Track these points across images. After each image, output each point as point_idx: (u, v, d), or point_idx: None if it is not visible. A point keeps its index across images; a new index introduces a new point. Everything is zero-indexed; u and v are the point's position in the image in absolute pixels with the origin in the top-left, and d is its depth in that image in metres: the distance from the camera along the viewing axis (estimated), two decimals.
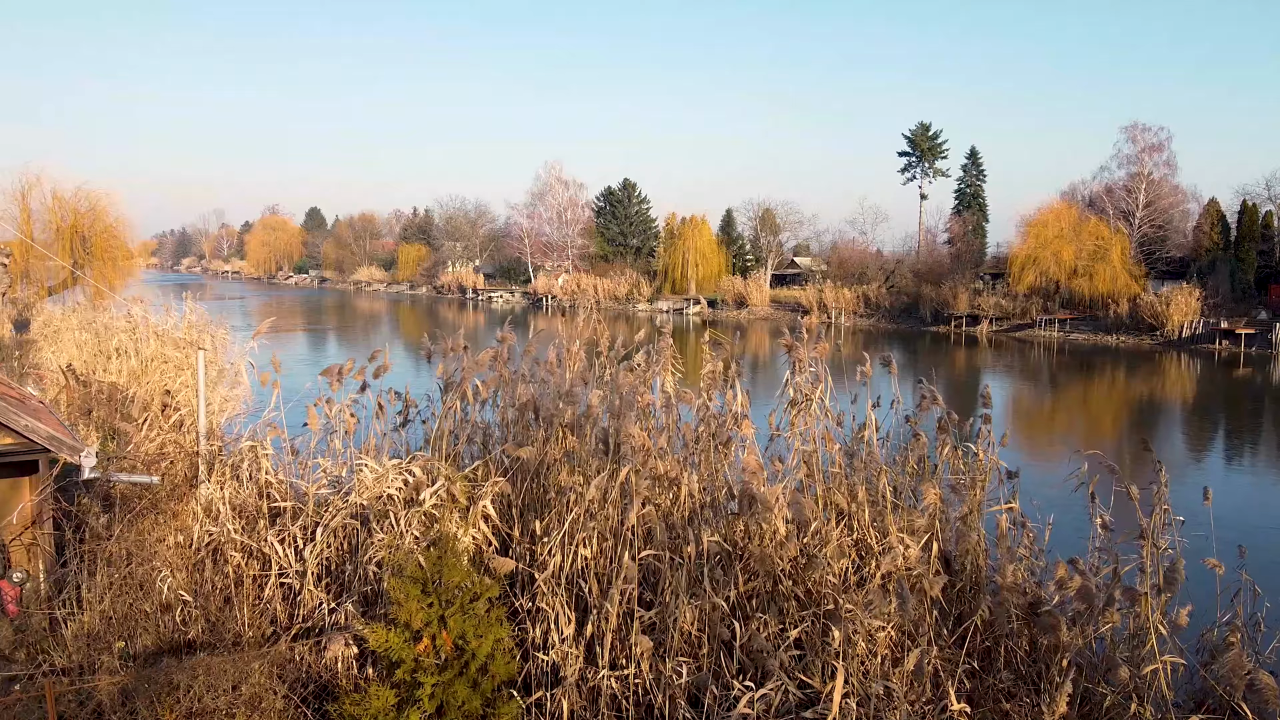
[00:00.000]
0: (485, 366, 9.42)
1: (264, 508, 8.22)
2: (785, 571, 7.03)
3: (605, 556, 7.13)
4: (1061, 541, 9.25)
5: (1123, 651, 7.08)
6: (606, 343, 10.48)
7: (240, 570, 7.77)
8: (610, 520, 7.12)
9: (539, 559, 7.30)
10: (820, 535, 7.48)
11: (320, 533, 7.67)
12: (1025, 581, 7.72)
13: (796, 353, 8.66)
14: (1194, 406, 43.42)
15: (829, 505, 8.01)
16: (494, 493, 7.71)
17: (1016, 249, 74.42)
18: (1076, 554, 9.34)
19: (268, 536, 7.69)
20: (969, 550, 7.67)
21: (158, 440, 11.28)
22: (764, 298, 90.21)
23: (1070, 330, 70.70)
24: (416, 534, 7.39)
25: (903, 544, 7.46)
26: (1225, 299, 65.41)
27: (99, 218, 53.67)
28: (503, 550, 8.01)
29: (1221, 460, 31.44)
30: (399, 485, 7.93)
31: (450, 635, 5.91)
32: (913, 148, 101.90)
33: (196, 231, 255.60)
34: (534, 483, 8.24)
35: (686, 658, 6.81)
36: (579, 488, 7.19)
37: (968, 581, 7.84)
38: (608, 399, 8.03)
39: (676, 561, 7.08)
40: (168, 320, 24.27)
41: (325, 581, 7.71)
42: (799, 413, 8.60)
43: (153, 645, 7.00)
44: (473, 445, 9.81)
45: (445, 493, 7.78)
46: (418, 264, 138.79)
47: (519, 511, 8.20)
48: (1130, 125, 77.13)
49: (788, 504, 6.83)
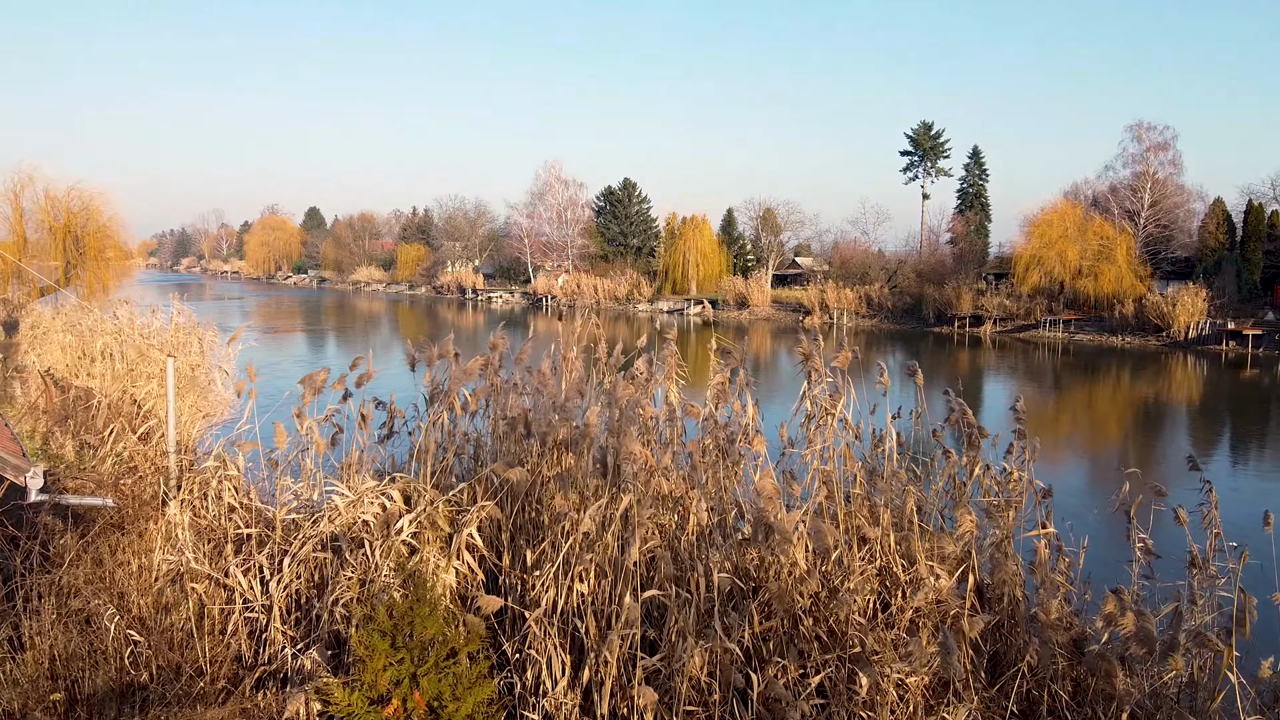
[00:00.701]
0: (475, 375, 8.64)
1: (230, 532, 7.46)
2: (805, 609, 6.29)
3: (604, 590, 6.39)
4: (1096, 567, 8.53)
5: (1186, 703, 6.34)
6: (605, 348, 9.72)
7: (203, 604, 7.02)
8: (609, 550, 6.39)
9: (530, 593, 6.57)
10: (843, 565, 6.74)
11: (288, 563, 6.92)
12: (1066, 615, 6.98)
13: (813, 361, 7.91)
14: (1206, 409, 42.69)
15: (850, 530, 7.26)
16: (482, 518, 6.97)
17: (1021, 249, 73.68)
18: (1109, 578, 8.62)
19: (230, 567, 6.94)
20: (1005, 581, 6.93)
21: (125, 453, 10.49)
22: (765, 298, 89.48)
23: (1075, 331, 69.95)
24: (393, 566, 6.65)
25: (933, 574, 6.74)
26: (1231, 299, 64.72)
27: (92, 217, 52.92)
28: (490, 582, 7.26)
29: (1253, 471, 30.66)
30: (375, 511, 7.20)
31: (424, 696, 5.19)
32: (915, 147, 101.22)
33: (196, 231, 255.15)
34: (526, 505, 7.50)
35: (696, 706, 6.07)
36: (574, 515, 6.45)
37: (1004, 615, 7.11)
38: (606, 414, 7.27)
39: (684, 596, 6.36)
40: (153, 322, 23.51)
41: (295, 616, 6.97)
42: (817, 428, 7.84)
43: (103, 688, 6.26)
44: (462, 460, 9.04)
45: (427, 518, 7.04)
46: (417, 264, 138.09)
47: (509, 537, 7.46)
48: (1136, 124, 76.45)
49: (808, 532, 6.08)
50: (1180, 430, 37.70)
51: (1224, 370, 54.58)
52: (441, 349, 10.05)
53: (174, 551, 7.17)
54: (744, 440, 7.96)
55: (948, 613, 6.59)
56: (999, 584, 6.87)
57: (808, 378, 8.13)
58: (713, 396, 8.30)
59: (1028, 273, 71.15)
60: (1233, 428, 38.51)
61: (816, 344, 8.24)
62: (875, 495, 7.25)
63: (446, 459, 8.58)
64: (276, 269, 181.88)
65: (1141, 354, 62.02)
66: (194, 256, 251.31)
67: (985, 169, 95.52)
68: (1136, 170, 75.75)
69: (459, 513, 7.26)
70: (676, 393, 8.49)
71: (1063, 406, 43.27)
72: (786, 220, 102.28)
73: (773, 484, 6.00)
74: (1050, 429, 36.71)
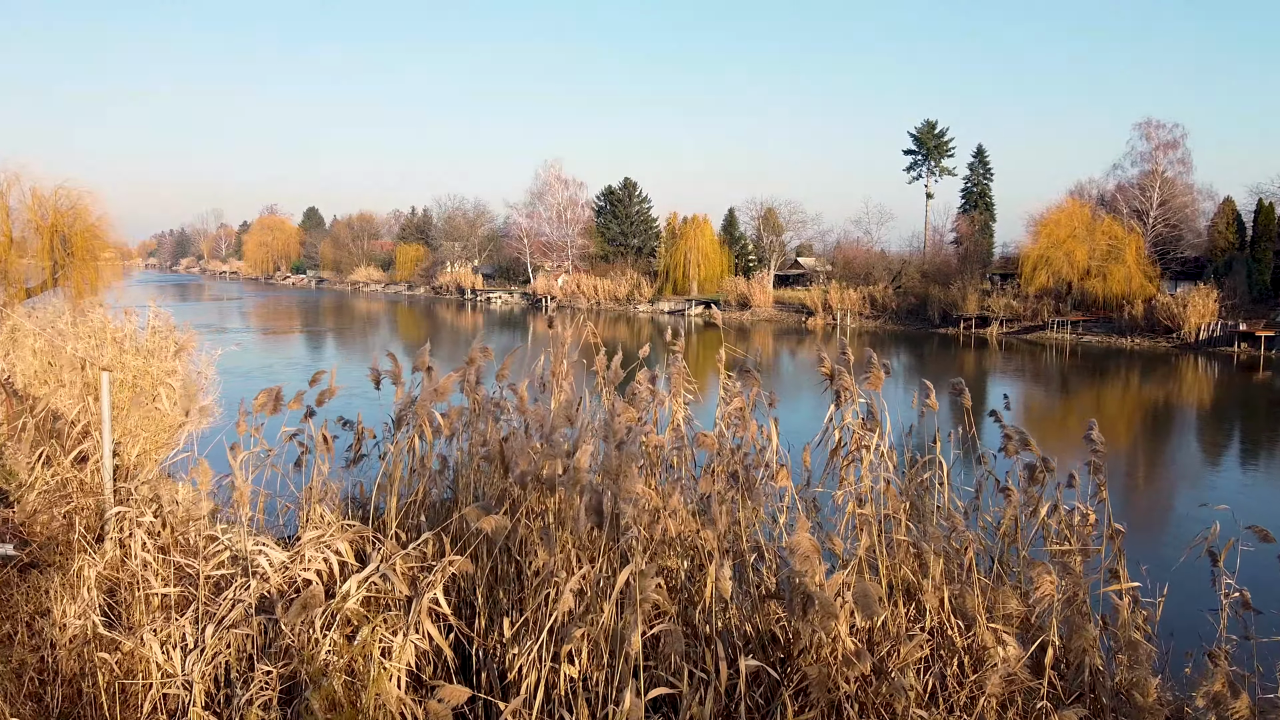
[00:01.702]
0: (448, 394, 7.40)
1: (143, 592, 6.18)
2: (849, 693, 5.07)
3: (599, 672, 5.16)
4: (1172, 618, 7.33)
5: None
6: (603, 359, 8.48)
7: (112, 679, 5.77)
8: (606, 619, 5.16)
9: (508, 674, 5.35)
10: (892, 632, 5.51)
11: (211, 633, 5.68)
12: (1164, 694, 5.77)
13: (841, 380, 6.68)
14: (1227, 414, 41.44)
15: (895, 584, 6.05)
16: (451, 575, 5.74)
17: (1028, 249, 72.43)
18: (1187, 631, 7.42)
19: (143, 635, 5.71)
20: (1085, 648, 5.70)
21: (55, 480, 9.13)
22: (767, 299, 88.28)
23: (1083, 332, 68.73)
24: (336, 640, 5.43)
25: (998, 641, 5.53)
26: (1243, 300, 63.57)
27: (80, 216, 51.57)
28: (460, 655, 6.01)
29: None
30: (320, 566, 5.97)
31: None
32: (919, 146, 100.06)
33: (195, 231, 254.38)
34: (505, 558, 6.26)
35: None
36: (561, 576, 5.22)
37: (1083, 688, 5.88)
38: (600, 454, 6.00)
39: (699, 676, 5.14)
40: (125, 326, 22.24)
41: (225, 693, 5.73)
42: (849, 462, 6.61)
43: None
44: (438, 487, 7.77)
45: (381, 578, 5.79)
46: (415, 264, 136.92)
47: (485, 595, 6.21)
48: (1144, 122, 75.25)
49: (854, 598, 4.86)
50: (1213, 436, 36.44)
51: (1236, 372, 53.39)
52: (417, 361, 8.84)
53: (80, 613, 5.97)
54: (766, 474, 6.76)
55: (1016, 690, 5.37)
56: (1077, 652, 5.65)
57: (835, 399, 6.91)
58: (725, 417, 7.10)
59: (1035, 273, 69.93)
60: (1253, 434, 37.27)
61: (845, 359, 7.01)
62: (923, 541, 6.03)
63: (417, 493, 7.36)
64: (275, 269, 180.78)
65: (1152, 356, 60.80)
66: (193, 257, 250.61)
67: (989, 168, 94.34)
68: (1145, 169, 74.58)
69: (424, 568, 6.04)
70: (684, 413, 7.30)
71: (1076, 409, 42.02)
72: (789, 220, 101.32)
73: (810, 542, 4.79)
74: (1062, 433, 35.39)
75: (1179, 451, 34.07)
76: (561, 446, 5.41)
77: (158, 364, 20.19)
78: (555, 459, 5.49)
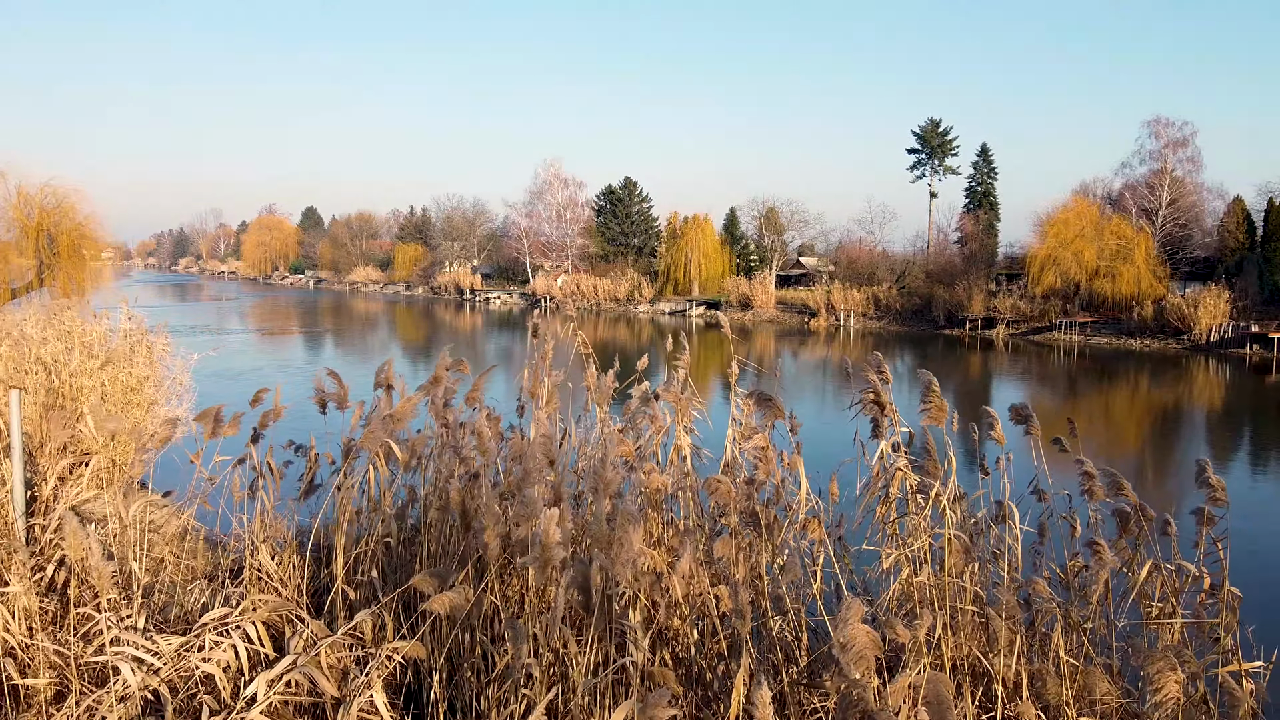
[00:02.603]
0: (407, 420, 6.14)
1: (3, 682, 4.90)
2: None
3: None
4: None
5: None
6: (593, 377, 7.24)
7: None
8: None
9: None
10: None
11: None
12: None
13: (887, 410, 5.39)
14: (1240, 417, 40.18)
15: (960, 666, 4.82)
16: (398, 662, 4.48)
17: (1035, 249, 71.08)
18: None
19: None
20: None
21: None
22: (769, 299, 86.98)
23: (1091, 334, 67.40)
24: None
25: None
26: (1254, 301, 62.30)
27: (67, 215, 50.35)
28: None
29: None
30: (224, 656, 4.72)
31: None
32: (922, 145, 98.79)
33: (194, 231, 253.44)
34: (465, 638, 4.98)
35: None
36: (536, 677, 3.97)
37: None
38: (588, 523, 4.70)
39: None
40: (92, 330, 21.01)
41: None
42: (897, 519, 5.31)
43: None
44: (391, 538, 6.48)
45: (302, 675, 4.52)
46: (414, 264, 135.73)
47: (442, 684, 4.91)
48: (1154, 119, 73.88)
49: (924, 704, 3.61)
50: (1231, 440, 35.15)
51: (1248, 375, 52.13)
52: (380, 376, 7.61)
53: None
54: (791, 518, 5.51)
55: None
56: None
57: (874, 430, 5.64)
58: (743, 451, 5.86)
59: (1043, 273, 68.59)
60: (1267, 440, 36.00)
61: (886, 382, 5.71)
62: (994, 607, 4.80)
63: (367, 540, 6.09)
64: (274, 269, 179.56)
65: (1162, 357, 59.48)
66: (192, 257, 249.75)
67: (994, 167, 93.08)
68: (1154, 167, 73.23)
69: (363, 657, 4.75)
70: (689, 448, 6.06)
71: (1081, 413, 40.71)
72: (790, 220, 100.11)
73: (868, 636, 3.56)
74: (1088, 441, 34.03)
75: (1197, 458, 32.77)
76: (536, 504, 4.16)
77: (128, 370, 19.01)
78: (529, 519, 4.23)
